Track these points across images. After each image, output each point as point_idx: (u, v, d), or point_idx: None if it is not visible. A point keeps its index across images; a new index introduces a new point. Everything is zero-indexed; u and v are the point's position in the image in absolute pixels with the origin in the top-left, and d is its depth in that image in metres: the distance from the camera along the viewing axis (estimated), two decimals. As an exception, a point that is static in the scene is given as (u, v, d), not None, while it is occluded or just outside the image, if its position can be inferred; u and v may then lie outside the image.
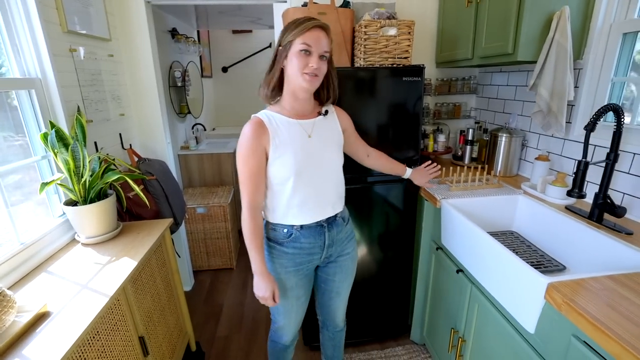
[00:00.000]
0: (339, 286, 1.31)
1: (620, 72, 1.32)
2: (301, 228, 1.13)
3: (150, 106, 2.00)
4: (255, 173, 1.04)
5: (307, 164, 1.07)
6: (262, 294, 1.10)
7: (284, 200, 1.09)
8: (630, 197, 1.23)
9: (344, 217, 1.24)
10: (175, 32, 2.80)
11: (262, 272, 1.08)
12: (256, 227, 1.07)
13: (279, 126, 1.06)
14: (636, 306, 0.76)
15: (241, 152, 1.04)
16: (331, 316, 1.40)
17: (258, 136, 1.03)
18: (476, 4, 1.55)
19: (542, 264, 1.26)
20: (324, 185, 1.13)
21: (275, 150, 1.04)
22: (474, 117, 2.13)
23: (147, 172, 1.73)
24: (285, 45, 1.01)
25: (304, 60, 1.00)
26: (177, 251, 1.84)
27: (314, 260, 1.20)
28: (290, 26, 1.01)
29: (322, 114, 1.15)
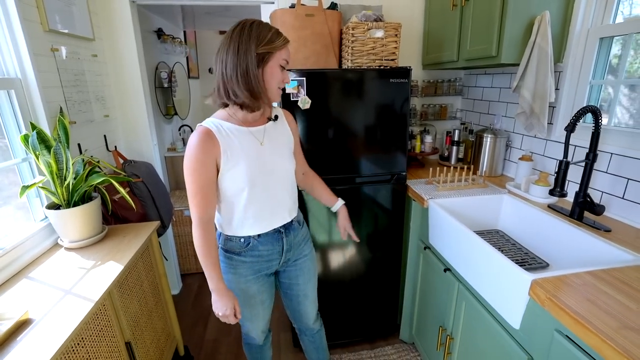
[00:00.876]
0: (304, 288, 1.29)
1: (598, 75, 1.36)
2: (258, 236, 1.11)
3: (136, 107, 1.96)
4: (206, 186, 0.98)
5: (260, 173, 1.04)
6: (222, 312, 1.05)
7: (239, 212, 1.06)
8: (608, 195, 1.27)
9: (299, 221, 1.22)
10: (161, 32, 2.77)
11: (219, 289, 1.04)
12: (209, 242, 1.02)
13: (229, 136, 1.00)
14: (614, 300, 0.79)
15: (189, 164, 0.96)
16: (304, 320, 1.38)
17: (208, 148, 0.96)
18: (461, 8, 1.58)
19: (526, 261, 1.29)
20: (279, 193, 1.10)
21: (227, 162, 0.99)
22: (459, 118, 2.17)
23: (133, 175, 1.70)
24: (263, 54, 0.95)
25: (281, 75, 0.99)
26: (164, 254, 1.81)
27: (272, 266, 1.18)
28: (265, 35, 0.94)
29: (271, 119, 1.11)
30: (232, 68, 0.94)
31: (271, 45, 0.95)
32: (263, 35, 0.94)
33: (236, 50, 0.93)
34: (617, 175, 1.23)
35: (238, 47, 0.93)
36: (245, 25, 0.95)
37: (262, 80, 0.97)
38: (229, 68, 0.94)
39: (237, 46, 0.93)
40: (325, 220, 1.63)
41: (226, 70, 0.95)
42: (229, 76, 0.95)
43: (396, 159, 1.61)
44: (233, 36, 0.94)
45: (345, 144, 1.54)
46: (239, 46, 0.93)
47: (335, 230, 1.66)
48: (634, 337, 0.68)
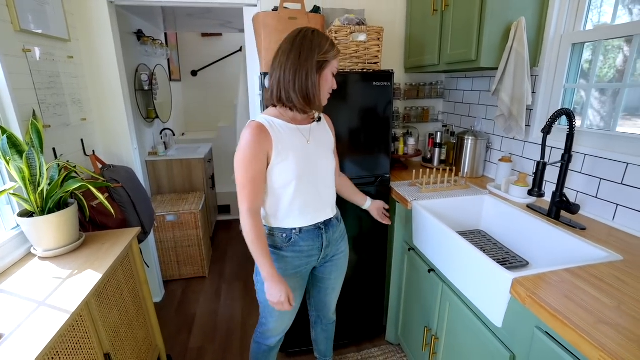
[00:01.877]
0: (334, 283, 1.36)
1: (571, 79, 1.42)
2: (300, 232, 1.15)
3: (115, 110, 1.91)
4: (257, 178, 1.04)
5: (307, 169, 1.10)
6: (277, 299, 1.06)
7: (285, 204, 1.11)
8: (583, 194, 1.32)
9: (337, 217, 1.28)
10: (141, 34, 2.71)
11: (273, 276, 1.06)
12: (259, 232, 1.05)
13: (280, 131, 1.07)
14: (590, 296, 0.82)
15: (243, 156, 1.02)
16: (325, 310, 1.45)
17: (261, 141, 1.02)
18: (441, 13, 1.62)
19: (507, 260, 1.32)
20: (323, 189, 1.17)
21: (278, 155, 1.05)
22: (441, 121, 2.21)
23: (112, 180, 1.65)
24: (322, 61, 1.03)
25: (332, 82, 1.08)
26: (145, 261, 1.76)
27: (311, 262, 1.23)
28: (324, 45, 1.02)
29: (316, 120, 1.18)
30: (291, 72, 1.01)
31: (328, 54, 1.03)
32: (322, 45, 1.02)
33: (298, 56, 1.00)
34: (591, 176, 1.28)
35: (300, 54, 1.00)
36: (307, 33, 1.03)
37: (318, 86, 1.04)
38: (289, 72, 1.01)
39: (299, 53, 1.01)
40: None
41: (284, 74, 1.02)
42: (287, 80, 1.02)
43: (380, 162, 1.63)
44: (295, 43, 1.01)
45: (329, 147, 1.54)
46: (301, 53, 1.00)
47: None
48: (608, 332, 0.70)
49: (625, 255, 1.00)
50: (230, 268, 2.76)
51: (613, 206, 1.21)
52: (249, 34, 1.90)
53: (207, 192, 2.96)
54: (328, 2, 1.87)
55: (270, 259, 1.07)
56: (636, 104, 1.24)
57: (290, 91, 1.02)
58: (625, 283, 0.87)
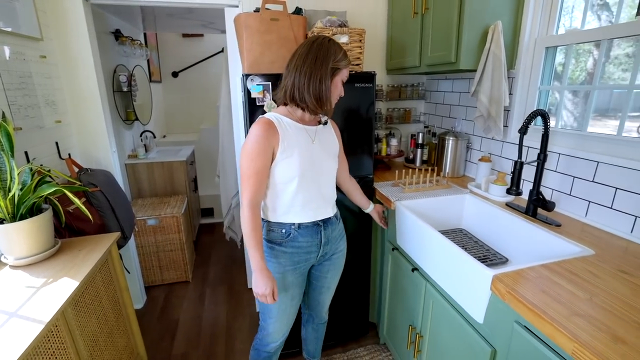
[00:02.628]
0: (330, 282, 1.39)
1: (546, 81, 1.47)
2: (299, 227, 1.18)
3: (92, 112, 1.85)
4: (261, 171, 1.07)
5: (310, 167, 1.13)
6: (262, 291, 1.09)
7: (286, 199, 1.14)
8: (558, 192, 1.37)
9: (337, 216, 1.31)
10: (119, 33, 2.64)
11: (262, 268, 1.08)
12: (256, 223, 1.08)
13: (287, 129, 1.11)
14: (564, 290, 0.85)
15: (250, 149, 1.05)
16: (319, 309, 1.47)
17: (268, 136, 1.06)
18: (422, 16, 1.65)
19: (488, 257, 1.36)
20: (325, 188, 1.21)
21: (284, 152, 1.08)
22: (423, 122, 2.25)
23: (90, 184, 1.60)
24: (335, 68, 1.08)
25: (341, 89, 1.14)
26: (126, 267, 1.72)
27: (310, 259, 1.25)
28: (338, 51, 1.08)
29: (322, 123, 1.22)
30: (307, 75, 1.06)
31: (341, 62, 1.09)
32: (337, 53, 1.08)
33: (314, 61, 1.06)
34: (565, 174, 1.33)
35: (315, 59, 1.06)
36: (324, 41, 1.09)
37: (330, 90, 1.09)
38: (304, 74, 1.06)
39: (315, 57, 1.06)
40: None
41: (300, 76, 1.07)
42: (302, 82, 1.07)
43: (363, 162, 1.64)
44: (313, 48, 1.07)
45: (313, 148, 1.54)
46: (317, 58, 1.06)
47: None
48: (581, 323, 0.73)
49: (597, 250, 1.04)
50: (214, 272, 2.72)
51: (586, 203, 1.26)
52: (230, 35, 1.88)
53: (189, 195, 2.91)
54: (310, 3, 1.88)
55: (262, 251, 1.10)
56: (605, 105, 1.30)
57: (305, 93, 1.07)
58: (597, 276, 0.91)
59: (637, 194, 1.09)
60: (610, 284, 0.87)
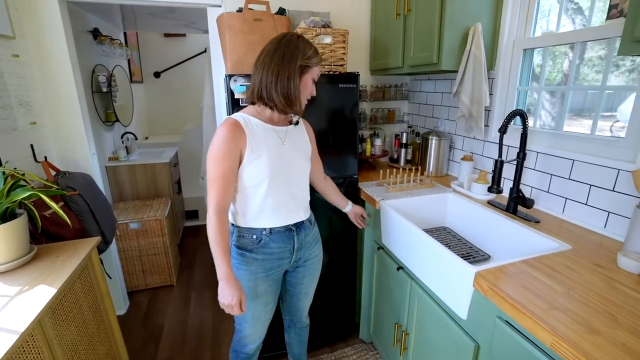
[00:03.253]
0: (307, 287, 1.36)
1: (524, 82, 1.51)
2: (270, 233, 1.15)
3: (70, 113, 1.80)
4: (227, 174, 1.03)
5: (280, 169, 1.10)
6: (228, 302, 1.03)
7: (256, 204, 1.11)
8: (537, 190, 1.41)
9: (310, 220, 1.28)
10: (97, 32, 2.57)
11: (229, 277, 1.03)
12: (223, 230, 1.03)
13: (255, 130, 1.07)
14: (543, 284, 0.88)
15: (216, 151, 1.02)
16: (298, 315, 1.45)
17: (235, 137, 1.02)
18: (404, 17, 1.67)
19: (470, 255, 1.38)
20: (296, 191, 1.17)
21: (251, 154, 1.05)
22: (407, 122, 2.28)
23: (68, 187, 1.55)
24: (304, 65, 1.05)
25: (311, 87, 1.11)
26: (107, 272, 1.67)
27: (283, 264, 1.22)
28: (307, 51, 1.05)
29: (293, 123, 1.19)
30: (274, 73, 1.02)
31: (311, 60, 1.06)
32: (307, 50, 1.05)
33: (281, 58, 1.02)
34: (543, 172, 1.37)
35: (284, 55, 1.02)
36: (292, 37, 1.06)
37: (298, 89, 1.06)
38: (272, 72, 1.03)
39: (283, 54, 1.02)
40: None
41: (267, 74, 1.03)
42: (269, 80, 1.03)
43: (348, 162, 1.65)
44: (281, 44, 1.04)
45: (298, 149, 1.54)
46: (285, 55, 1.02)
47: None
48: (559, 316, 0.75)
49: (573, 245, 1.08)
50: (199, 275, 2.68)
51: (563, 200, 1.30)
52: (213, 35, 1.85)
53: (173, 198, 2.86)
54: (294, 4, 1.87)
55: (229, 259, 1.05)
56: (581, 105, 1.35)
57: (272, 91, 1.04)
58: (573, 270, 0.94)
59: (609, 190, 1.14)
60: (586, 277, 0.91)
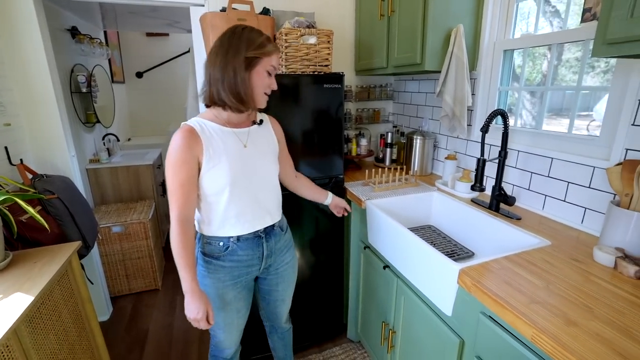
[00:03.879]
0: (283, 294, 1.33)
1: (505, 82, 1.55)
2: (238, 240, 1.10)
3: (47, 114, 1.74)
4: (186, 183, 0.99)
5: (242, 174, 1.05)
6: (194, 316, 1.00)
7: (220, 212, 1.06)
8: (518, 187, 1.45)
9: (281, 226, 1.23)
10: (76, 31, 2.49)
11: (193, 290, 0.99)
12: (187, 242, 0.99)
13: (212, 135, 1.02)
14: (524, 279, 0.90)
15: (171, 161, 0.97)
16: (277, 320, 1.42)
17: (190, 145, 0.98)
18: (388, 18, 1.68)
19: (455, 252, 1.41)
20: (261, 195, 1.12)
21: (209, 161, 1.00)
22: (392, 122, 2.30)
23: (46, 191, 1.50)
24: (252, 58, 0.98)
25: (267, 80, 1.03)
26: (89, 277, 1.63)
27: (252, 272, 1.18)
28: (255, 40, 0.98)
29: (256, 123, 1.14)
30: (220, 70, 0.97)
31: (261, 50, 0.98)
32: (253, 40, 0.98)
33: (225, 53, 0.97)
34: (524, 170, 1.41)
35: (227, 50, 0.97)
36: (237, 29, 0.99)
37: (249, 84, 0.99)
38: (217, 70, 0.97)
39: (226, 49, 0.97)
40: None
41: (214, 72, 0.98)
42: (215, 78, 0.98)
43: (333, 162, 1.65)
44: (223, 39, 0.98)
45: (284, 149, 1.53)
46: (229, 49, 0.97)
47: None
48: (539, 310, 0.77)
49: (553, 241, 1.11)
50: (185, 278, 2.63)
51: (542, 197, 1.34)
52: (196, 34, 1.83)
53: (157, 200, 2.81)
54: (278, 4, 1.87)
55: (194, 272, 1.00)
56: (559, 105, 1.39)
57: (220, 89, 0.98)
58: (553, 265, 0.97)
59: (585, 187, 1.17)
60: (564, 271, 0.93)
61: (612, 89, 1.09)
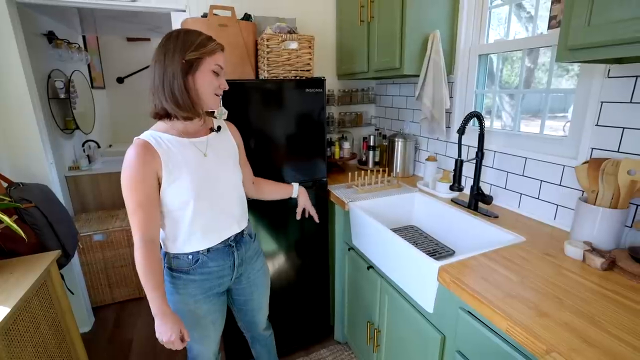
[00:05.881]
0: (258, 303, 1.30)
1: (481, 85, 1.60)
2: (208, 251, 1.07)
3: (22, 121, 1.70)
4: (146, 202, 0.93)
5: (205, 185, 1.01)
6: (167, 339, 0.96)
7: (185, 227, 1.01)
8: (495, 187, 1.50)
9: (250, 234, 1.22)
10: (52, 36, 2.44)
11: (164, 312, 0.96)
12: (153, 263, 0.94)
13: (170, 148, 0.97)
14: (500, 275, 0.93)
15: (127, 181, 0.91)
16: (257, 330, 1.39)
17: (147, 161, 0.92)
18: (367, 24, 1.72)
19: (436, 251, 1.44)
20: (226, 204, 1.09)
21: (170, 175, 0.95)
22: (374, 125, 2.34)
23: (22, 199, 1.46)
24: (192, 60, 0.93)
25: (216, 81, 0.99)
26: (69, 288, 1.59)
27: (224, 283, 1.15)
28: (194, 41, 0.93)
29: (214, 130, 1.10)
30: (158, 78, 0.93)
31: (201, 50, 0.94)
32: (190, 42, 0.93)
33: (162, 60, 0.92)
34: (500, 170, 1.46)
35: (164, 57, 0.92)
36: (172, 34, 0.95)
37: (192, 88, 0.95)
38: (156, 79, 0.94)
39: (163, 56, 0.92)
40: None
41: (154, 82, 0.94)
42: (156, 87, 0.94)
43: (316, 166, 1.67)
44: (160, 47, 0.94)
45: (266, 154, 1.54)
46: (165, 55, 0.92)
47: (262, 241, 1.64)
48: (514, 303, 0.81)
49: (527, 237, 1.16)
50: (170, 286, 2.59)
51: (518, 195, 1.39)
52: (178, 39, 1.82)
53: (140, 207, 2.76)
54: (259, 10, 1.88)
55: (163, 294, 0.96)
56: (537, 107, 1.45)
57: (162, 99, 0.94)
58: (527, 260, 1.01)
59: (557, 185, 1.23)
60: (537, 266, 0.98)
61: (578, 92, 1.15)
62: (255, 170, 1.53)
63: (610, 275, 0.92)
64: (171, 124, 1.01)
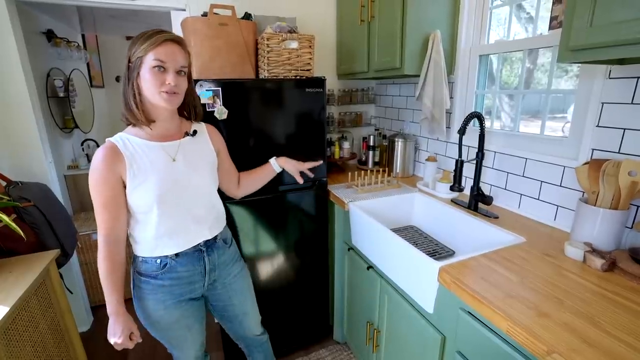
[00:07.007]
0: (243, 307, 1.26)
1: (481, 85, 1.60)
2: (177, 256, 1.05)
3: (22, 120, 1.69)
4: (110, 203, 0.95)
5: (172, 190, 0.99)
6: (115, 339, 0.98)
7: (151, 230, 1.00)
8: (495, 187, 1.50)
9: (225, 239, 1.18)
10: (52, 34, 2.44)
11: (117, 313, 0.98)
12: (113, 263, 0.96)
13: (136, 151, 0.97)
14: (501, 275, 0.93)
15: (92, 181, 0.93)
16: (250, 336, 1.35)
17: (111, 164, 0.93)
18: (368, 23, 1.72)
19: (436, 251, 1.44)
20: (196, 210, 1.06)
21: (134, 179, 0.95)
22: (374, 125, 2.34)
23: (21, 198, 1.46)
24: (135, 61, 0.91)
25: (160, 77, 0.93)
26: (67, 287, 1.58)
27: (195, 289, 1.12)
28: (138, 39, 0.91)
29: (189, 134, 1.08)
30: (121, 86, 0.96)
31: (141, 47, 0.90)
32: (135, 42, 0.92)
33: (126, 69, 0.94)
34: (500, 170, 1.46)
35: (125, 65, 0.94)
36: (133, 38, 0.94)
37: (136, 90, 0.94)
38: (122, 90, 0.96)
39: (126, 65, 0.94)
40: (251, 231, 1.61)
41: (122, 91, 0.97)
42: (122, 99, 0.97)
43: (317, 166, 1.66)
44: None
45: (266, 153, 1.54)
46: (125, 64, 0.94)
47: (262, 241, 1.64)
48: (514, 304, 0.81)
49: (527, 237, 1.16)
50: (169, 285, 2.59)
51: (518, 196, 1.39)
52: (178, 38, 1.82)
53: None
54: (260, 9, 1.88)
55: (120, 294, 0.99)
56: (537, 107, 1.45)
57: (121, 105, 0.97)
58: (527, 261, 1.01)
59: (557, 186, 1.23)
60: (537, 266, 0.98)
61: (579, 93, 1.15)
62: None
63: (610, 276, 0.92)
64: (142, 127, 1.01)
